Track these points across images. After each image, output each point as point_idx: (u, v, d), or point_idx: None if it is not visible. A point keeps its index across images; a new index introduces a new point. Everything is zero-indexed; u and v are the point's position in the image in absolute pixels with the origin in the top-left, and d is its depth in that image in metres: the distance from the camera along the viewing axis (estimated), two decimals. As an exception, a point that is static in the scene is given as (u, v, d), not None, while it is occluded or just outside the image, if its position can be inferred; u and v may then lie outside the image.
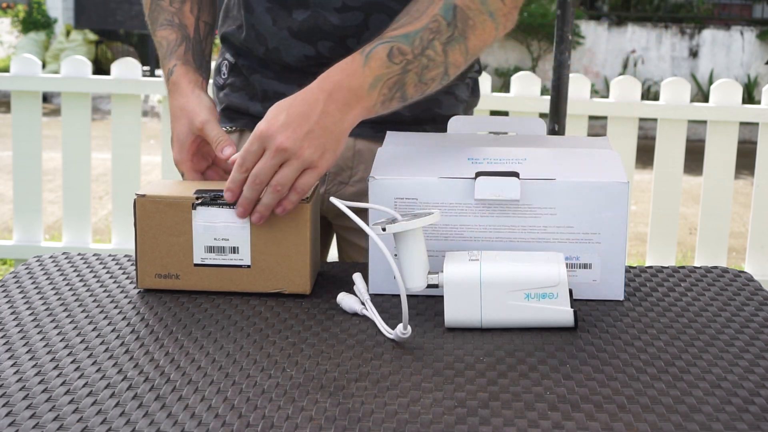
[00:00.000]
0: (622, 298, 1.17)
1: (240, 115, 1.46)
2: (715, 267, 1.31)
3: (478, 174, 1.15)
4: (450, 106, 1.44)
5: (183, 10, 1.38)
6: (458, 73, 1.22)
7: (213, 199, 1.16)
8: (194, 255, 1.17)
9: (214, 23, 1.42)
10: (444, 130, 1.43)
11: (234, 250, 1.17)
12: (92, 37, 11.14)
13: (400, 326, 1.02)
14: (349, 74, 1.14)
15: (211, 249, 1.17)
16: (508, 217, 1.16)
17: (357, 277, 1.15)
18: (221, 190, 1.16)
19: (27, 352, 1.00)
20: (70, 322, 1.09)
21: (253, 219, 1.14)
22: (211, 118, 1.25)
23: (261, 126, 1.11)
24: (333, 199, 1.08)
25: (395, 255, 1.14)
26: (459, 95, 1.45)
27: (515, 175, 1.15)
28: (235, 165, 1.12)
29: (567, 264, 1.16)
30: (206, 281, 1.18)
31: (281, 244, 1.16)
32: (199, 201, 1.16)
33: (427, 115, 1.41)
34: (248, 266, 1.17)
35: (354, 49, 1.33)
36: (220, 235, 1.16)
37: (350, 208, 1.08)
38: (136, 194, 1.17)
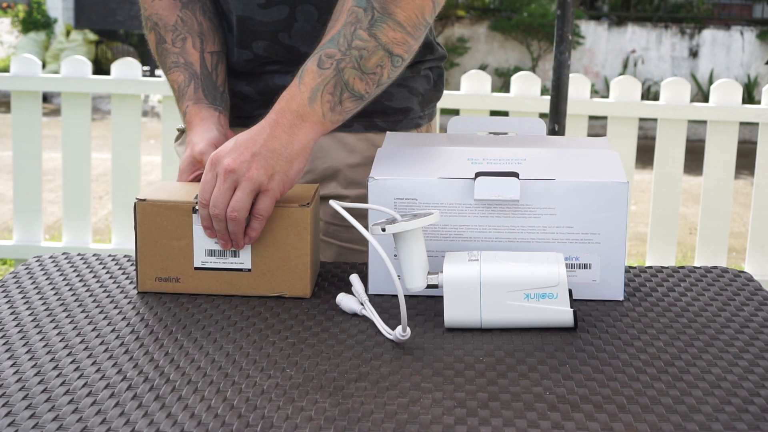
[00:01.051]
0: (621, 298, 1.17)
1: None
2: (715, 267, 1.31)
3: (478, 174, 1.15)
4: (402, 98, 1.42)
5: (186, 48, 1.39)
6: (412, 49, 1.22)
7: None
8: (195, 258, 1.17)
9: (222, 49, 1.42)
10: (396, 123, 1.42)
11: (234, 253, 1.17)
12: (92, 37, 11.14)
13: (399, 328, 1.02)
14: (288, 98, 1.18)
15: (211, 252, 1.17)
16: (507, 217, 1.16)
17: (354, 278, 1.15)
18: None
19: (27, 352, 1.00)
20: (70, 323, 1.09)
21: (233, 246, 1.16)
22: (208, 150, 1.27)
23: (212, 154, 1.15)
24: (332, 203, 1.08)
25: (395, 255, 1.14)
26: (414, 87, 1.43)
27: (515, 175, 1.15)
28: (198, 194, 1.15)
29: (567, 264, 1.16)
30: (206, 285, 1.17)
31: (282, 247, 1.16)
32: None
33: (377, 107, 1.39)
34: (249, 270, 1.17)
35: (287, 45, 1.36)
36: None
37: (348, 209, 1.08)
38: (137, 198, 1.17)
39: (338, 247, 1.40)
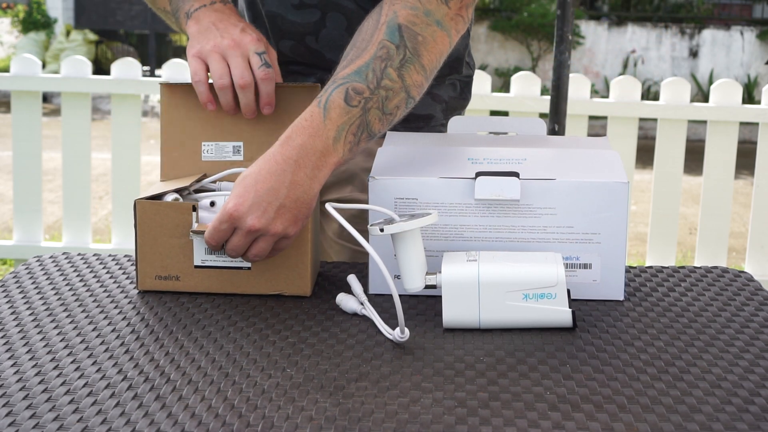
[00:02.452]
0: (622, 298, 1.17)
1: None
2: (715, 267, 1.31)
3: (478, 174, 1.15)
4: (425, 105, 1.41)
5: None
6: (423, 92, 1.19)
7: (213, 204, 1.16)
8: (194, 257, 1.17)
9: None
10: (417, 129, 1.42)
11: None
12: (92, 37, 11.14)
13: (397, 329, 1.02)
14: (311, 134, 1.10)
15: (211, 251, 1.17)
16: (508, 217, 1.16)
17: (352, 278, 1.15)
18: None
19: (27, 352, 1.00)
20: (70, 322, 1.09)
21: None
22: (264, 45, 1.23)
23: (229, 206, 1.08)
24: (328, 206, 1.08)
25: (394, 255, 1.14)
26: (438, 95, 1.43)
27: (515, 175, 1.15)
28: (205, 238, 1.11)
29: (567, 264, 1.16)
30: (206, 283, 1.17)
31: None
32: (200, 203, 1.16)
33: None
34: (248, 268, 1.17)
35: (313, 48, 1.35)
36: None
37: (345, 211, 1.08)
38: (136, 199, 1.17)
39: (351, 251, 1.39)
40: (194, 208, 1.16)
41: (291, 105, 1.26)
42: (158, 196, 1.18)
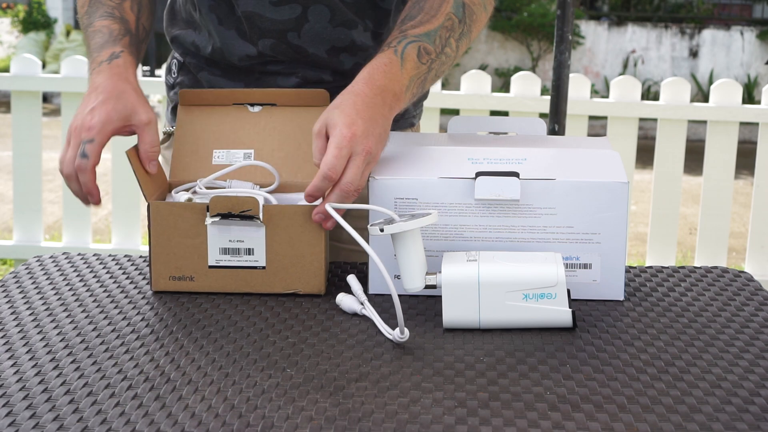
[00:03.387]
0: (622, 298, 1.17)
1: None
2: (715, 267, 1.31)
3: (479, 174, 1.15)
4: None
5: (123, 6, 1.34)
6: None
7: (225, 216, 1.16)
8: (209, 257, 1.17)
9: (151, 29, 1.39)
10: (394, 123, 1.41)
11: (249, 251, 1.17)
12: (92, 37, 11.12)
13: (397, 330, 1.02)
14: (391, 78, 1.18)
15: (225, 251, 1.17)
16: (508, 217, 1.16)
17: (351, 278, 1.15)
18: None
19: (27, 352, 1.00)
20: (70, 322, 1.09)
21: (327, 226, 1.15)
22: (153, 124, 1.23)
23: (345, 132, 1.11)
24: (328, 207, 1.08)
25: (394, 255, 1.14)
26: None
27: (515, 175, 1.15)
28: (321, 174, 1.11)
29: (567, 264, 1.16)
30: (221, 283, 1.18)
31: (296, 245, 1.16)
32: (214, 215, 1.15)
33: None
34: (263, 267, 1.17)
35: (294, 44, 1.34)
36: (235, 236, 1.16)
37: (344, 211, 1.08)
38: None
39: (338, 248, 1.39)
40: (207, 209, 1.15)
41: (299, 111, 1.27)
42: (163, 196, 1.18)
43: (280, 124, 1.29)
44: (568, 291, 1.07)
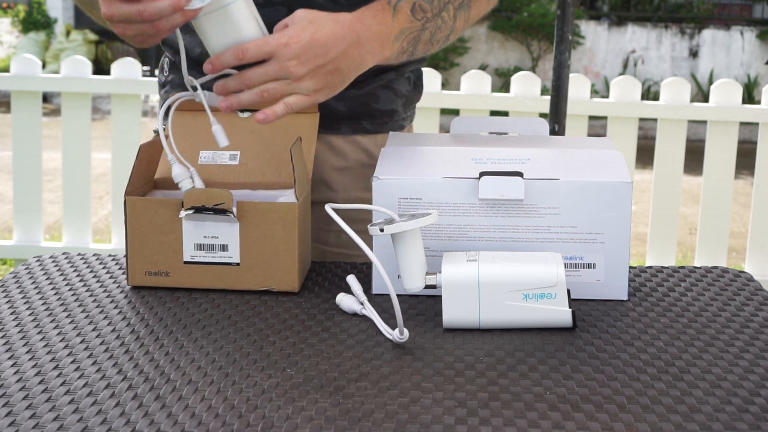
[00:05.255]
0: (625, 297, 1.17)
1: None
2: (715, 267, 1.31)
3: (482, 174, 1.15)
4: (388, 100, 1.42)
5: None
6: (456, 39, 1.27)
7: (198, 210, 1.16)
8: (184, 253, 1.18)
9: None
10: (383, 125, 1.42)
11: (223, 248, 1.17)
12: (92, 37, 11.13)
13: (396, 330, 1.02)
14: (380, 22, 1.16)
15: (200, 247, 1.18)
16: (511, 217, 1.16)
17: (352, 278, 1.15)
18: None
19: (27, 352, 1.00)
20: (70, 322, 1.09)
21: (221, 105, 1.12)
22: None
23: (282, 39, 1.09)
24: (327, 207, 1.08)
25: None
26: (398, 89, 1.43)
27: (519, 174, 1.15)
28: (237, 50, 1.08)
29: (570, 264, 1.16)
30: (195, 279, 1.18)
31: (270, 242, 1.17)
32: (188, 208, 1.16)
33: (364, 110, 1.39)
34: (237, 264, 1.18)
35: None
36: (210, 233, 1.17)
37: (344, 211, 1.07)
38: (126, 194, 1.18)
39: (323, 251, 1.39)
40: (183, 205, 1.15)
41: (288, 117, 1.26)
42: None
43: (267, 128, 1.29)
44: (568, 291, 1.07)
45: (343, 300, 1.13)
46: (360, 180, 1.40)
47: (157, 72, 1.53)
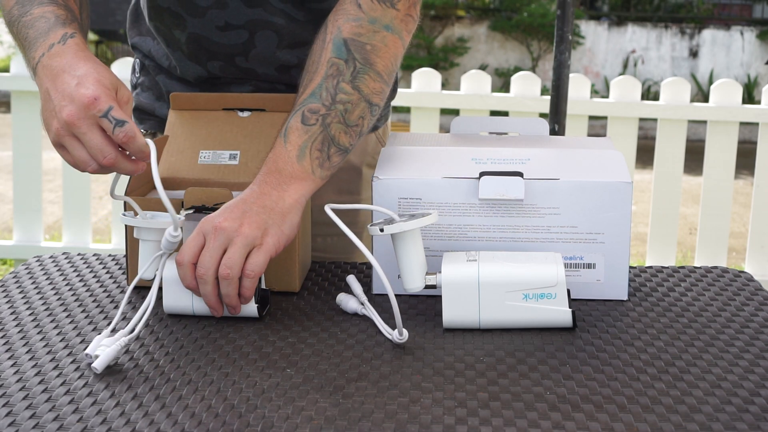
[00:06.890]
0: (626, 297, 1.17)
1: (148, 116, 1.43)
2: (715, 267, 1.31)
3: (482, 174, 1.15)
4: None
5: None
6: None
7: (198, 210, 1.16)
8: None
9: (88, 29, 1.33)
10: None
11: None
12: (92, 37, 11.14)
13: (396, 331, 1.02)
14: (274, 158, 1.13)
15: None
16: (512, 216, 1.16)
17: (352, 278, 1.15)
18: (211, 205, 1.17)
19: (27, 352, 1.00)
20: (70, 322, 1.09)
21: (230, 313, 1.09)
22: (131, 104, 1.12)
23: (201, 220, 1.08)
24: (327, 208, 1.08)
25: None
26: None
27: (519, 174, 1.15)
28: (176, 262, 1.06)
29: (571, 264, 1.16)
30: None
31: None
32: (188, 208, 1.16)
33: None
34: None
35: (243, 67, 1.32)
36: None
37: (343, 212, 1.07)
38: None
39: (313, 255, 1.38)
40: (182, 206, 1.15)
41: (284, 114, 1.26)
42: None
43: (267, 127, 1.29)
44: (568, 291, 1.07)
45: (343, 300, 1.13)
46: (334, 183, 1.31)
47: (129, 73, 1.52)
